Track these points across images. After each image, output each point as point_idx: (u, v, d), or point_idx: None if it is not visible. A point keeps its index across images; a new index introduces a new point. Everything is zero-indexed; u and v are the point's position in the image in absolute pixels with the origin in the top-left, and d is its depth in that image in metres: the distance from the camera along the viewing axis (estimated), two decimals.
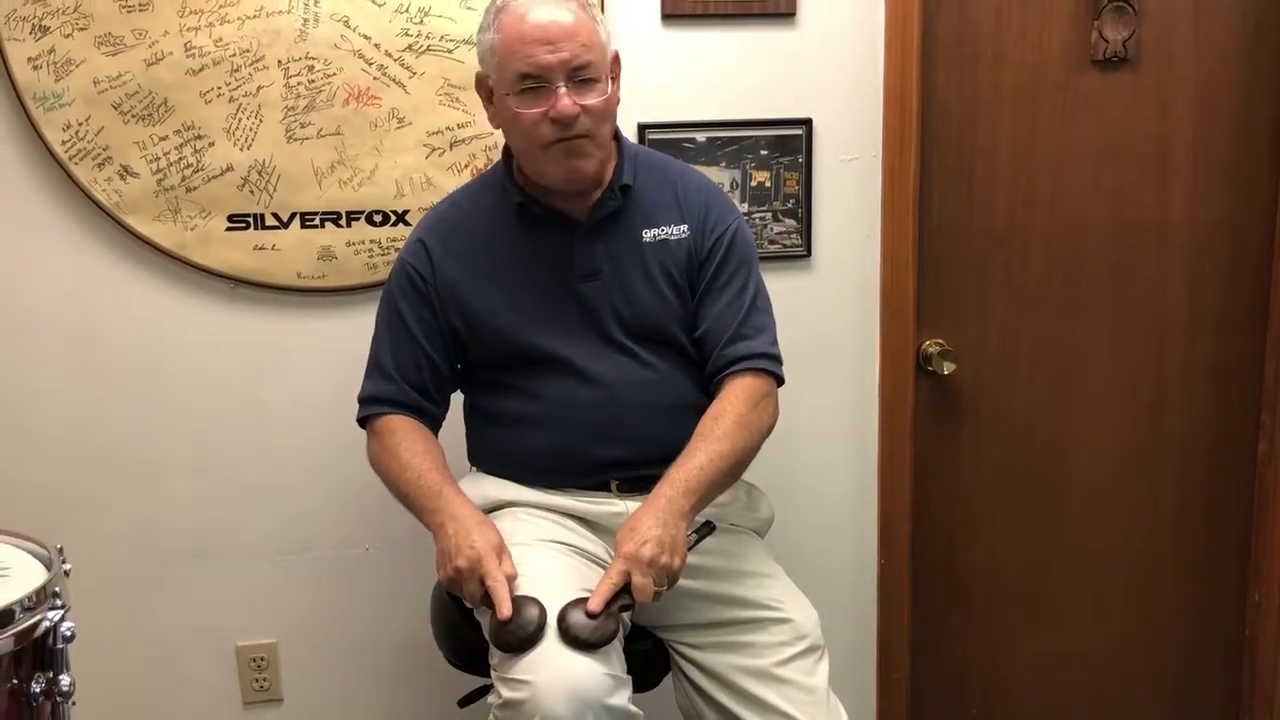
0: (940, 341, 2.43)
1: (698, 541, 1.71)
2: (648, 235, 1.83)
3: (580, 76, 1.69)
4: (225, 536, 2.27)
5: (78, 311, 2.15)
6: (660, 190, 1.85)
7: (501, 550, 1.65)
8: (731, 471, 1.75)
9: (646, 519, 1.64)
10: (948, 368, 2.40)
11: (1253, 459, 2.59)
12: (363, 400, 1.88)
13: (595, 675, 1.54)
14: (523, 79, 1.69)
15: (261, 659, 2.32)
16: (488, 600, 1.60)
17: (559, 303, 1.81)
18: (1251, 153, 2.46)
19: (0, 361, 2.15)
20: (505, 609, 1.56)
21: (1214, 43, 2.41)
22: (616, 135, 1.84)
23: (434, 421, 1.88)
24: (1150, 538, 2.62)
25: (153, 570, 2.26)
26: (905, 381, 2.41)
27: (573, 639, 1.56)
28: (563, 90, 1.68)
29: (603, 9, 2.15)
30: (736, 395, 1.79)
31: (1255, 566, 2.62)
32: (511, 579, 1.61)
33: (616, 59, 1.79)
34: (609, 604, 1.59)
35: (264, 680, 2.33)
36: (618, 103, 1.80)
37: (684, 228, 1.84)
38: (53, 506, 2.19)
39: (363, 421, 1.88)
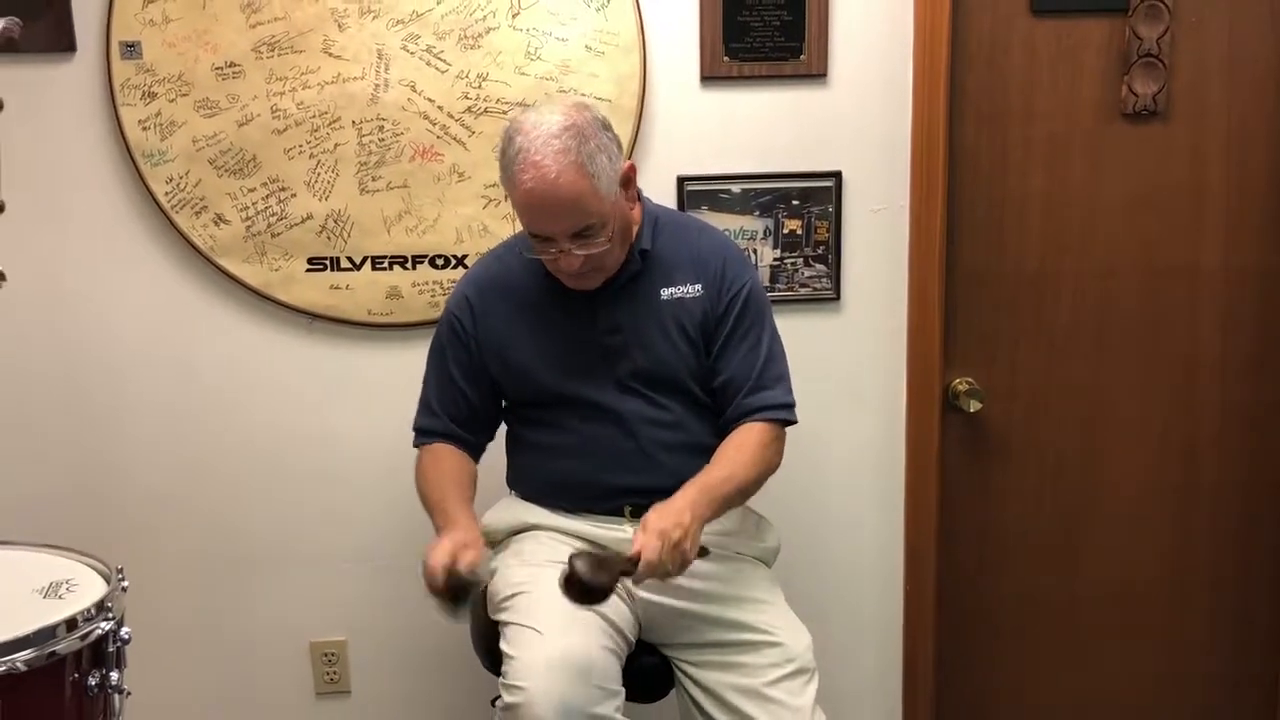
0: (969, 380, 2.53)
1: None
2: (665, 294, 1.99)
3: (582, 234, 1.84)
4: (301, 545, 2.50)
5: (176, 340, 2.40)
6: (678, 251, 2.01)
7: (463, 545, 1.81)
8: (741, 494, 1.93)
9: (680, 503, 1.78)
10: (974, 406, 2.49)
11: None
12: (414, 430, 2.10)
13: (585, 685, 1.71)
14: (530, 231, 1.88)
15: (332, 654, 2.55)
16: (445, 594, 1.79)
17: (583, 353, 1.98)
18: None
19: (108, 384, 2.41)
20: (433, 561, 1.77)
21: (1246, 95, 2.46)
22: (639, 196, 2.01)
23: (473, 448, 2.09)
24: (1181, 577, 2.65)
25: (237, 574, 2.49)
26: (931, 418, 2.51)
27: (574, 579, 1.68)
28: (566, 246, 1.84)
29: (644, 73, 2.33)
30: (755, 435, 1.95)
31: None
32: (470, 565, 1.78)
33: (630, 171, 1.91)
34: (617, 566, 1.73)
35: (334, 673, 2.56)
36: (630, 207, 1.94)
37: (699, 286, 1.99)
38: (149, 516, 2.45)
39: (416, 447, 2.11)
